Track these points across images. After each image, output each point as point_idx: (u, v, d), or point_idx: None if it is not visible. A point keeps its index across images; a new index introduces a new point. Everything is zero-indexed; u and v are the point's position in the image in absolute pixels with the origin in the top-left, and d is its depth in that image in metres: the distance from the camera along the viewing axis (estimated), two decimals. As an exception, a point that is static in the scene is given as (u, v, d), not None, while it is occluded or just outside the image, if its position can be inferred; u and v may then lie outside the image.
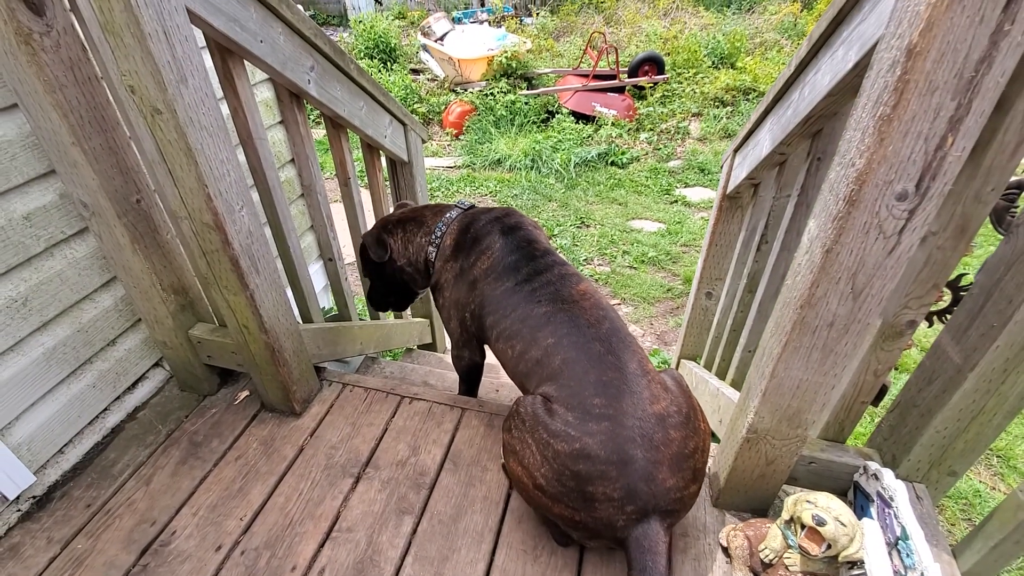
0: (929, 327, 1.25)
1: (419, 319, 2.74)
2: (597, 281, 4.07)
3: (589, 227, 4.79)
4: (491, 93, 6.77)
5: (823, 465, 1.28)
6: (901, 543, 1.03)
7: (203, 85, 1.12)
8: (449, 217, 1.54)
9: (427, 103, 7.01)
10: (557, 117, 6.48)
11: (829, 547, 1.04)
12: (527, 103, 6.57)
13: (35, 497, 1.39)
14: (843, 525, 1.03)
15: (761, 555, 1.14)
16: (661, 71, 6.99)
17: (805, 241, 0.94)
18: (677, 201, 5.19)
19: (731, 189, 1.79)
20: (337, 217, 1.91)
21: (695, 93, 6.79)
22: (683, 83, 6.97)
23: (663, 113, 6.54)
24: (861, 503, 1.22)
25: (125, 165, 1.33)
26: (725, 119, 6.40)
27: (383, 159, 2.16)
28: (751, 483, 1.25)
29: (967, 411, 1.12)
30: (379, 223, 1.66)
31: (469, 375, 1.69)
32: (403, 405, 1.66)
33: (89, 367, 1.52)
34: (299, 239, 1.76)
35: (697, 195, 5.27)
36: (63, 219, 1.38)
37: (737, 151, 1.76)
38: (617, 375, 1.10)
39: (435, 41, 7.66)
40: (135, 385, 1.66)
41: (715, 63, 7.37)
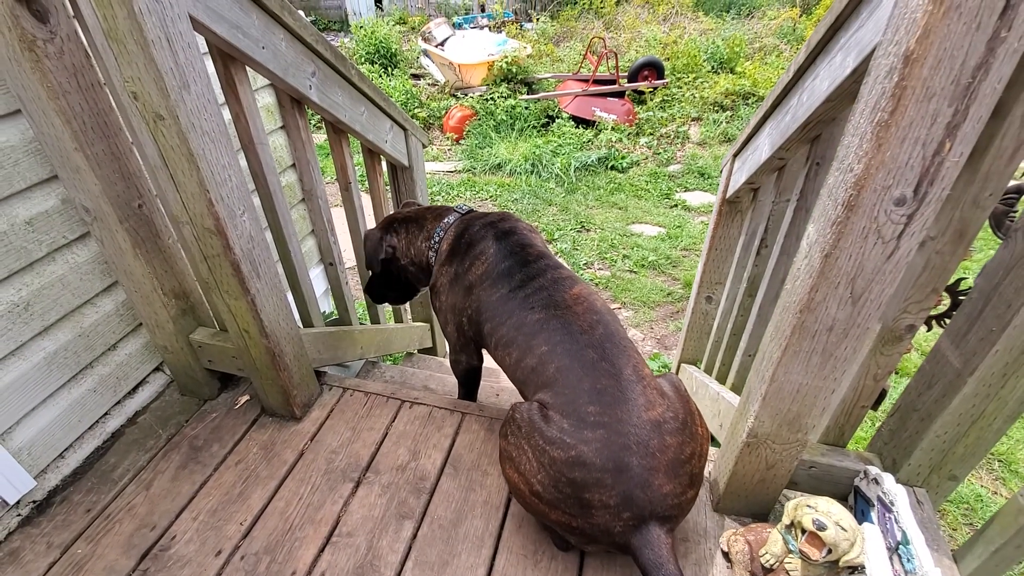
0: (928, 331, 1.26)
1: (419, 323, 2.74)
2: (597, 285, 4.07)
3: (589, 231, 4.80)
4: (491, 98, 6.80)
5: (823, 470, 1.28)
6: (902, 548, 1.03)
7: (205, 91, 1.12)
8: (447, 222, 1.55)
9: (428, 108, 7.04)
10: (557, 122, 6.51)
11: (830, 552, 1.04)
12: (527, 108, 6.60)
13: (35, 502, 1.39)
14: (844, 530, 1.03)
15: (762, 560, 1.14)
16: (661, 76, 7.02)
17: (804, 246, 0.94)
18: (677, 205, 5.20)
19: (731, 194, 1.80)
20: (338, 221, 1.91)
21: (695, 98, 6.81)
22: (683, 88, 7.00)
23: (663, 118, 6.56)
24: (862, 508, 1.22)
25: (127, 170, 1.34)
26: (725, 123, 6.42)
27: (384, 164, 2.17)
28: (752, 488, 1.25)
29: (967, 415, 1.12)
30: (384, 222, 1.68)
31: (467, 379, 1.69)
32: (403, 409, 1.66)
33: (90, 372, 1.52)
34: (300, 243, 1.77)
35: (697, 199, 5.28)
36: (65, 224, 1.38)
37: (736, 156, 1.77)
38: (611, 382, 1.09)
39: (436, 46, 7.69)
40: (136, 390, 1.66)
41: (715, 68, 7.41)
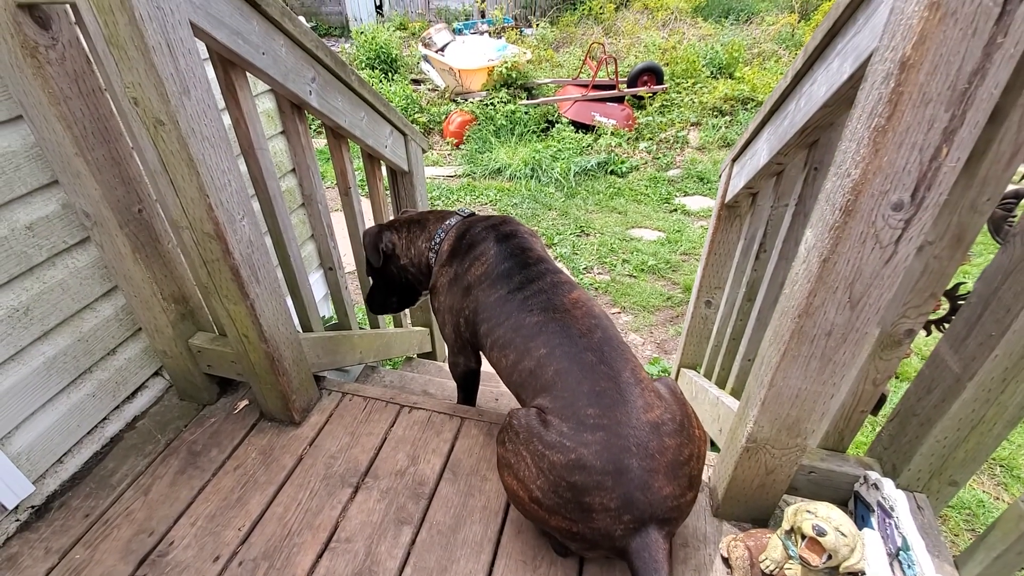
0: (928, 336, 1.26)
1: (419, 328, 2.74)
2: (597, 290, 4.08)
3: (589, 236, 4.80)
4: (491, 103, 6.82)
5: (823, 475, 1.28)
6: (902, 554, 1.03)
7: (205, 97, 1.13)
8: (449, 224, 1.56)
9: (428, 113, 7.06)
10: (557, 127, 6.53)
11: (830, 558, 1.03)
12: (527, 113, 6.62)
13: (34, 507, 1.39)
14: (844, 535, 1.02)
15: (762, 566, 1.13)
16: (660, 81, 7.05)
17: (802, 251, 0.94)
18: (676, 210, 5.21)
19: (729, 198, 1.80)
20: (338, 226, 1.92)
21: (694, 103, 6.83)
22: (682, 93, 7.02)
23: (662, 123, 6.58)
24: (862, 513, 1.21)
25: (127, 175, 1.34)
26: (724, 128, 6.44)
27: (384, 169, 2.18)
28: (751, 493, 1.25)
29: (967, 420, 1.11)
30: (381, 224, 1.69)
31: (465, 382, 1.69)
32: (402, 414, 1.66)
33: (89, 376, 1.52)
34: (300, 248, 1.77)
35: (696, 204, 5.29)
36: (65, 229, 1.39)
37: (735, 161, 1.77)
38: (610, 385, 1.09)
39: (436, 52, 7.72)
40: (134, 394, 1.66)
41: (713, 73, 7.43)
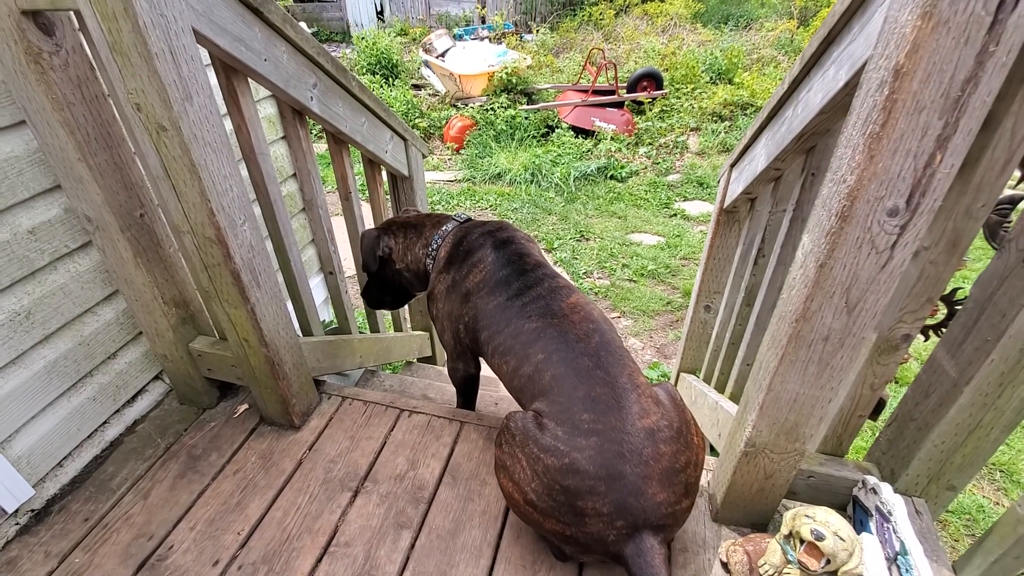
0: (925, 341, 1.26)
1: (419, 332, 2.74)
2: (597, 295, 4.08)
3: (589, 240, 4.82)
4: (491, 108, 6.85)
5: (822, 479, 1.28)
6: (900, 558, 1.03)
7: (208, 103, 1.14)
8: (445, 229, 1.56)
9: (428, 118, 7.09)
10: (557, 132, 6.55)
11: (828, 562, 1.04)
12: (527, 118, 6.64)
13: (34, 511, 1.39)
14: (842, 540, 1.03)
15: (761, 570, 1.13)
16: (659, 86, 7.08)
17: (799, 256, 0.95)
18: (676, 215, 5.23)
19: (728, 203, 1.81)
20: (338, 231, 1.93)
21: (693, 108, 6.86)
22: (681, 98, 7.05)
23: (662, 128, 6.61)
24: (860, 517, 1.21)
25: (129, 180, 1.35)
26: (723, 133, 6.46)
27: (384, 174, 2.19)
28: (750, 497, 1.25)
29: (964, 425, 1.12)
30: (383, 223, 1.69)
31: (465, 387, 1.70)
32: (402, 418, 1.66)
33: (89, 380, 1.52)
34: (300, 252, 1.78)
35: (696, 209, 5.31)
36: (67, 233, 1.39)
37: (733, 166, 1.78)
38: (606, 390, 1.10)
39: (436, 57, 7.76)
40: (135, 398, 1.67)
41: (713, 79, 7.47)
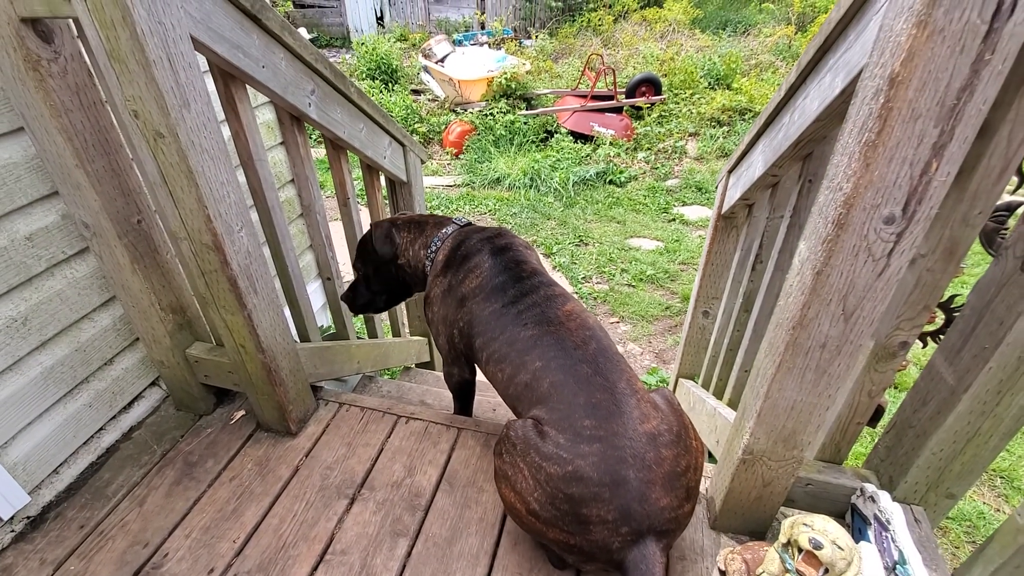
0: (923, 348, 1.26)
1: (417, 337, 2.74)
2: (596, 299, 4.08)
3: (588, 245, 4.82)
4: (491, 113, 6.87)
5: (820, 487, 1.27)
6: (899, 568, 1.02)
7: (205, 110, 1.14)
8: (445, 232, 1.56)
9: (428, 123, 7.10)
10: (556, 137, 6.57)
11: (827, 571, 1.03)
12: (526, 123, 6.66)
13: (29, 517, 1.38)
14: (840, 549, 1.02)
15: (759, 579, 1.13)
16: (658, 92, 7.10)
17: (796, 263, 0.95)
18: (675, 219, 5.23)
19: (726, 209, 1.81)
20: (337, 236, 1.92)
21: (692, 113, 6.88)
22: (680, 103, 7.07)
23: (660, 133, 6.62)
24: (859, 526, 1.21)
25: (127, 187, 1.35)
26: (722, 139, 6.48)
27: (383, 179, 2.19)
28: (748, 505, 1.24)
29: (962, 433, 1.11)
30: (389, 219, 1.68)
31: (461, 392, 1.69)
32: (399, 425, 1.65)
33: (86, 386, 1.52)
34: (298, 258, 1.78)
35: (694, 214, 5.31)
36: (64, 239, 1.39)
37: (731, 172, 1.78)
38: (606, 396, 1.10)
39: (436, 62, 7.79)
40: (131, 404, 1.66)
41: (711, 84, 7.49)
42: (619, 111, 6.79)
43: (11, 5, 1.06)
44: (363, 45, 8.80)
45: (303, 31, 11.27)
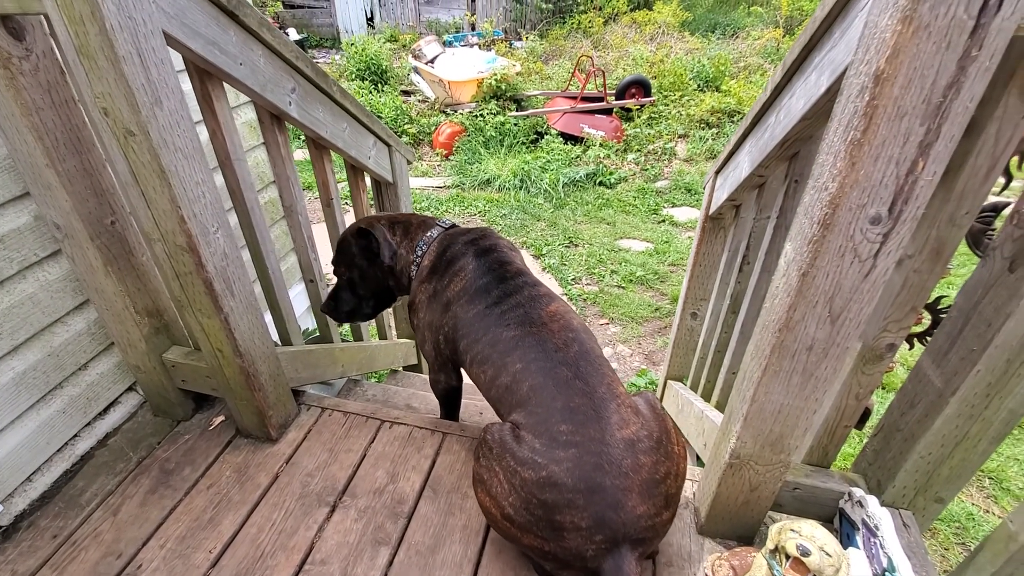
0: (910, 349, 1.25)
1: (404, 340, 2.70)
2: (585, 301, 4.07)
3: (577, 246, 4.80)
4: (481, 114, 6.85)
5: (808, 491, 1.26)
6: (888, 575, 1.01)
7: (178, 107, 1.11)
8: (430, 235, 1.52)
9: (417, 124, 7.07)
10: (546, 138, 6.56)
11: (814, 577, 1.01)
12: (516, 124, 6.64)
13: (1, 527, 1.34)
14: (828, 555, 1.00)
15: (746, 585, 1.11)
16: (648, 93, 7.11)
17: (782, 264, 0.93)
18: (664, 221, 5.23)
19: (713, 210, 1.80)
20: (321, 238, 1.89)
21: (681, 115, 6.90)
22: (669, 105, 7.09)
23: (650, 134, 6.63)
24: (847, 531, 1.19)
25: (100, 187, 1.32)
26: (711, 140, 6.50)
27: (368, 180, 2.16)
28: (736, 510, 1.23)
29: (950, 436, 1.10)
30: (381, 218, 1.59)
31: (447, 398, 1.66)
32: (383, 430, 1.62)
33: (59, 392, 1.48)
34: (281, 261, 1.74)
35: (684, 215, 5.32)
36: (37, 241, 1.35)
37: (718, 173, 1.77)
38: (585, 400, 1.08)
39: (426, 63, 7.76)
40: (107, 410, 1.62)
41: (700, 86, 7.52)
42: (609, 113, 6.80)
43: (-22, 1, 1.03)
44: (353, 46, 8.75)
45: (292, 31, 11.20)
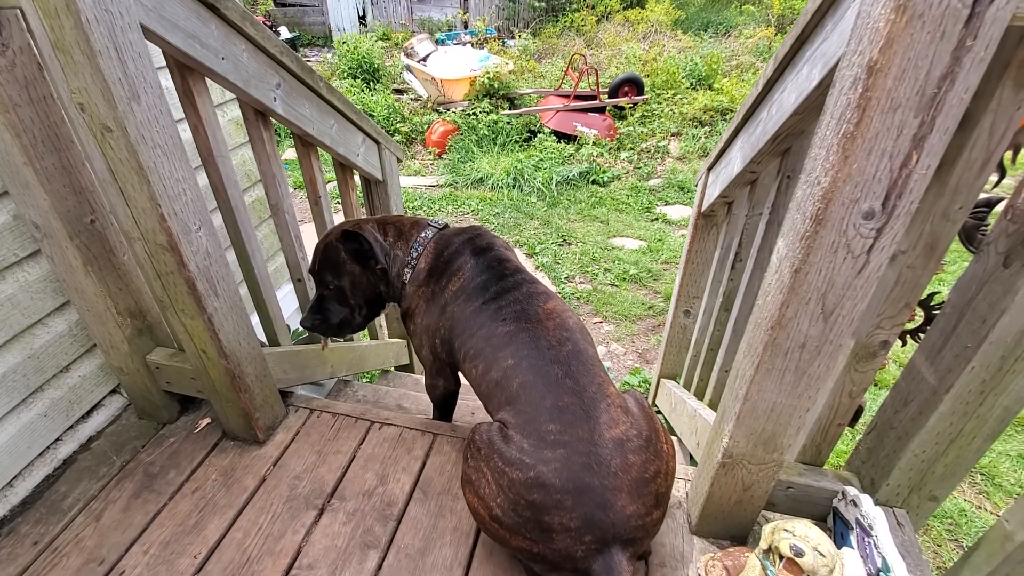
0: (903, 346, 1.24)
1: (395, 340, 2.68)
2: (579, 299, 4.05)
3: (571, 245, 4.79)
4: (473, 113, 6.81)
5: (801, 490, 1.25)
6: (883, 575, 1.00)
7: (157, 103, 1.08)
8: (425, 237, 1.49)
9: (410, 122, 7.03)
10: (539, 136, 6.53)
11: (808, 578, 1.00)
12: (509, 123, 6.62)
13: (-20, 534, 1.31)
14: (822, 555, 0.99)
15: (740, 586, 1.09)
16: (640, 92, 7.10)
17: (774, 261, 0.92)
18: (657, 219, 5.22)
19: (706, 207, 1.78)
20: (309, 237, 1.86)
21: (674, 113, 6.89)
22: (662, 103, 7.08)
23: (643, 133, 6.62)
24: (841, 530, 1.18)
25: (79, 185, 1.29)
26: (703, 138, 6.49)
27: (357, 178, 2.13)
28: (729, 509, 1.21)
29: (944, 434, 1.09)
30: (369, 220, 1.53)
31: (444, 403, 1.64)
32: (372, 431, 1.60)
33: (40, 395, 1.44)
34: (270, 260, 1.71)
35: (677, 213, 5.31)
36: (15, 241, 1.32)
37: (711, 169, 1.76)
38: (574, 400, 1.06)
39: (418, 62, 7.71)
40: (90, 413, 1.58)
41: (693, 84, 7.51)
42: (602, 111, 6.78)
43: (-51, -6, 0.99)
44: (345, 44, 8.68)
45: (284, 30, 11.11)
